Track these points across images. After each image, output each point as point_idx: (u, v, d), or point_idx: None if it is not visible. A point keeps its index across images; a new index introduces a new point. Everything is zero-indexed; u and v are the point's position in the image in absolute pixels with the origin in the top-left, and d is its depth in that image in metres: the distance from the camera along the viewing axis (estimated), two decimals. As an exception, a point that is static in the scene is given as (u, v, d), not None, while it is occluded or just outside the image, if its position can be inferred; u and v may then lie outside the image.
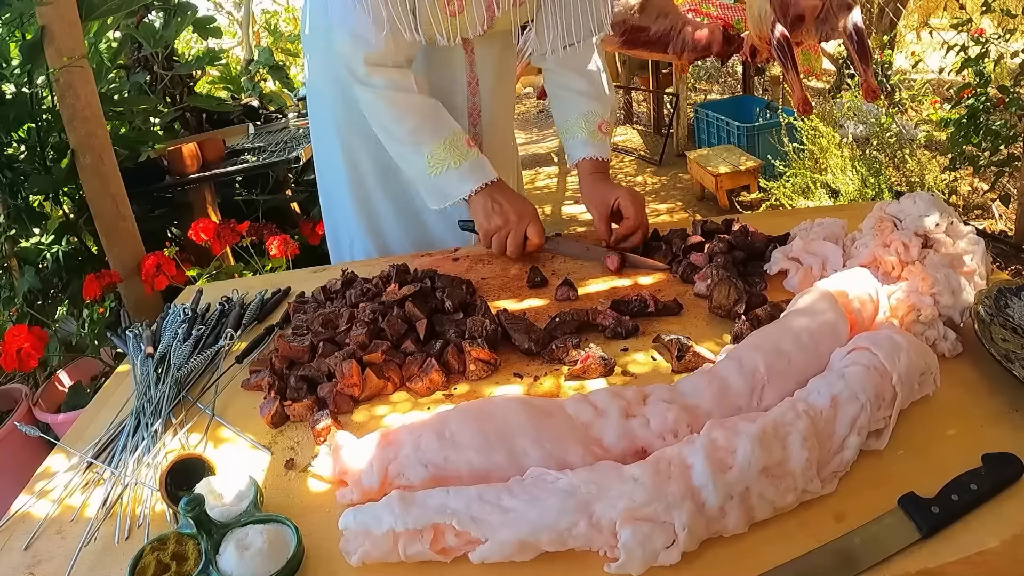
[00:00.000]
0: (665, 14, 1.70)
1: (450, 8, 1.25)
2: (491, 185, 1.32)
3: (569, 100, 1.44)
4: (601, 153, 1.41)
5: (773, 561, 0.65)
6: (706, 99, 6.72)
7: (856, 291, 0.91)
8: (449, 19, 1.26)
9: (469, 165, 1.31)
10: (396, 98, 1.30)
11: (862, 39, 1.39)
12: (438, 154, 1.30)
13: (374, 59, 1.28)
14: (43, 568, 0.77)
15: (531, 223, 1.31)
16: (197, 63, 3.75)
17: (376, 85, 1.29)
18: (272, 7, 7.28)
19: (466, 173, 1.31)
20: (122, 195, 2.37)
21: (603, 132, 1.41)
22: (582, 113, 1.42)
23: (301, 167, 3.10)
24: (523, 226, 1.31)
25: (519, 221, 1.30)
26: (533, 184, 5.28)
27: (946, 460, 0.73)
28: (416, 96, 1.31)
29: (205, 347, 1.16)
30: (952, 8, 5.08)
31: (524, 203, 1.33)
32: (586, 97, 1.42)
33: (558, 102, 1.47)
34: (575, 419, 0.79)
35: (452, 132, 1.31)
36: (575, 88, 1.43)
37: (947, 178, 3.59)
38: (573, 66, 1.42)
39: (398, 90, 1.30)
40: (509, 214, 1.31)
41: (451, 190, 1.32)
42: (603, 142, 1.41)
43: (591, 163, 1.41)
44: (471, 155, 1.31)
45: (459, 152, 1.30)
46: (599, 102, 1.42)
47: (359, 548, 0.69)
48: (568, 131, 1.44)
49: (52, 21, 2.15)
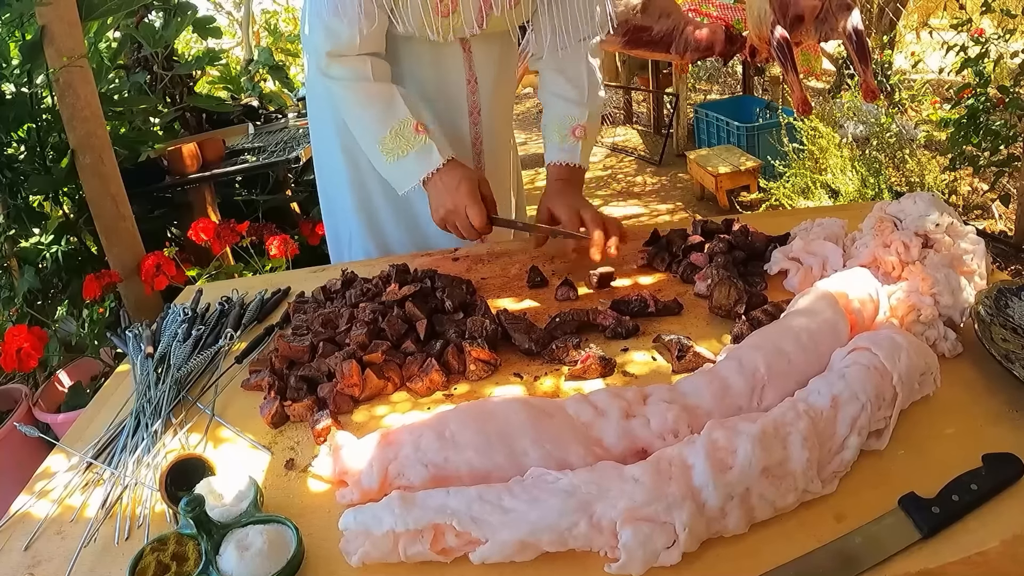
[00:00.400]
0: (667, 14, 1.70)
1: (442, 8, 1.25)
2: (440, 170, 1.30)
3: (552, 104, 1.44)
4: (569, 158, 1.40)
5: (773, 561, 0.65)
6: (706, 99, 6.72)
7: (856, 291, 0.91)
8: (440, 19, 1.26)
9: (415, 153, 1.29)
10: (354, 87, 1.30)
11: (862, 39, 1.39)
12: (388, 143, 1.30)
13: (339, 51, 1.28)
14: (43, 568, 0.77)
15: (469, 206, 1.26)
16: (197, 63, 3.75)
17: (336, 76, 1.30)
18: (272, 7, 7.29)
19: (413, 162, 1.30)
20: (122, 195, 2.37)
21: (576, 137, 1.39)
22: (559, 117, 1.41)
23: (301, 167, 3.10)
24: (463, 210, 1.28)
25: (459, 205, 1.28)
26: (533, 184, 5.27)
27: (946, 460, 0.73)
28: (372, 84, 1.30)
29: (205, 347, 1.16)
30: (952, 8, 5.07)
31: (461, 183, 1.28)
32: (566, 101, 1.41)
33: (545, 107, 1.47)
34: (575, 419, 0.79)
35: (399, 120, 1.30)
36: (558, 92, 1.42)
37: (947, 178, 3.59)
38: (560, 69, 1.42)
39: (356, 79, 1.30)
40: (447, 201, 1.29)
41: (404, 179, 1.32)
42: (573, 146, 1.39)
43: (557, 168, 1.40)
44: (418, 142, 1.29)
45: (406, 140, 1.29)
46: (578, 106, 1.40)
47: (359, 548, 0.69)
48: (545, 135, 1.45)
49: (52, 21, 2.15)
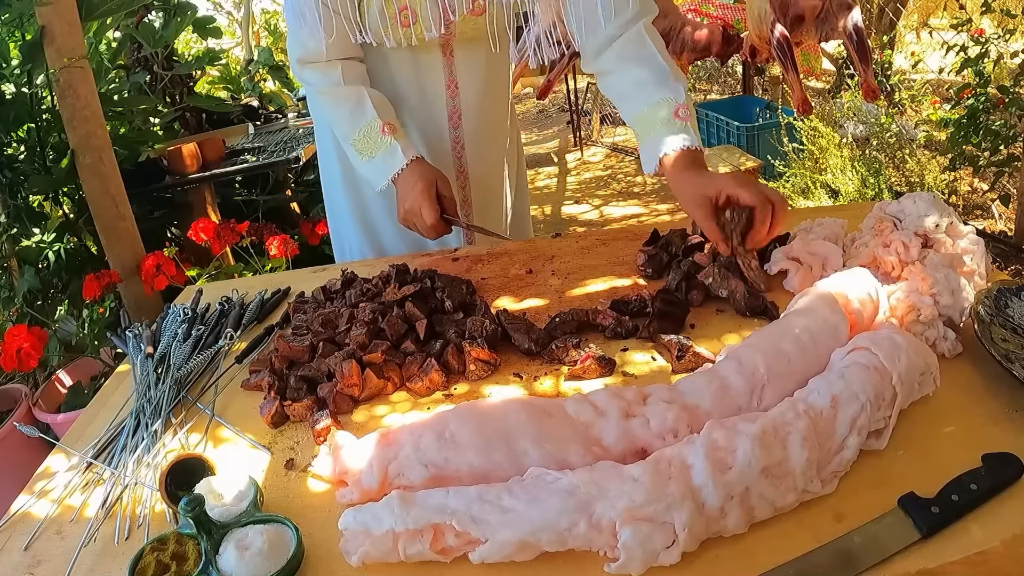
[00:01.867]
0: (665, 14, 1.70)
1: (402, 19, 1.26)
2: (404, 170, 1.31)
3: (633, 97, 1.24)
4: (687, 142, 1.16)
5: (773, 561, 0.65)
6: (706, 99, 6.72)
7: (856, 291, 0.91)
8: (402, 29, 1.27)
9: (382, 154, 1.31)
10: (327, 92, 1.34)
11: (862, 39, 1.39)
12: (358, 144, 1.33)
13: (307, 57, 1.31)
14: (43, 568, 0.77)
15: (423, 204, 1.28)
16: (197, 63, 3.75)
17: (308, 82, 1.34)
18: (272, 7, 7.28)
19: (380, 163, 1.32)
20: (122, 195, 2.37)
21: (682, 118, 1.18)
22: (653, 104, 1.20)
23: (301, 167, 3.10)
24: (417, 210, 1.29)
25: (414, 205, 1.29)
26: (533, 184, 5.28)
27: (946, 460, 0.73)
28: (342, 88, 1.33)
29: (205, 347, 1.16)
30: (952, 8, 5.08)
31: (416, 183, 1.29)
32: (653, 86, 1.21)
33: (624, 102, 1.27)
34: (575, 419, 0.79)
35: (367, 121, 1.32)
36: (636, 80, 1.23)
37: (947, 178, 3.59)
38: (626, 58, 1.25)
39: (328, 84, 1.33)
40: (405, 201, 1.31)
41: (375, 178, 1.34)
42: (685, 129, 1.17)
43: (679, 155, 1.16)
44: (384, 143, 1.31)
45: (373, 141, 1.31)
46: (669, 87, 1.20)
47: (359, 548, 0.69)
48: (642, 128, 1.22)
49: (52, 21, 2.15)
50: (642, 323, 1.03)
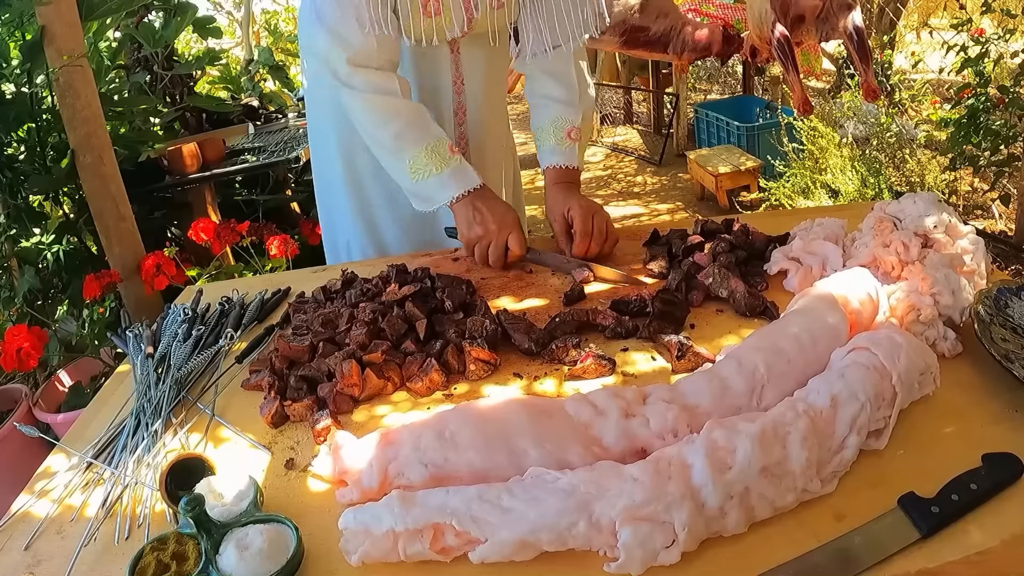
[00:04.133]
0: (665, 14, 1.70)
1: (426, 10, 1.25)
2: (473, 192, 1.30)
3: (542, 106, 1.43)
4: (566, 161, 1.40)
5: (773, 561, 0.65)
6: (706, 99, 6.72)
7: (856, 291, 0.91)
8: (425, 20, 1.26)
9: (451, 171, 1.29)
10: (379, 101, 1.29)
11: (862, 39, 1.39)
12: (420, 160, 1.29)
13: (356, 60, 1.27)
14: (43, 568, 0.77)
15: (512, 232, 1.27)
16: (197, 63, 3.75)
17: (358, 87, 1.28)
18: (272, 7, 7.29)
19: (447, 180, 1.29)
20: (122, 195, 2.37)
21: (572, 139, 1.40)
22: (552, 119, 1.41)
23: (301, 167, 3.10)
24: (504, 236, 1.28)
25: (500, 231, 1.28)
26: (532, 184, 5.27)
27: (946, 460, 0.73)
28: (399, 100, 1.30)
29: (205, 347, 1.16)
30: (952, 8, 5.08)
31: (507, 211, 1.30)
32: (558, 103, 1.41)
33: (534, 109, 1.46)
34: (575, 419, 0.79)
35: (435, 138, 1.30)
36: (549, 94, 1.42)
37: (947, 178, 3.59)
38: (549, 70, 1.41)
39: (381, 93, 1.29)
40: (490, 223, 1.28)
41: (434, 196, 1.32)
42: (570, 149, 1.39)
43: (555, 171, 1.40)
44: (453, 161, 1.30)
45: (441, 158, 1.29)
46: (571, 107, 1.40)
47: (359, 548, 0.69)
48: (538, 138, 1.44)
49: (52, 21, 2.15)
50: (642, 323, 1.03)
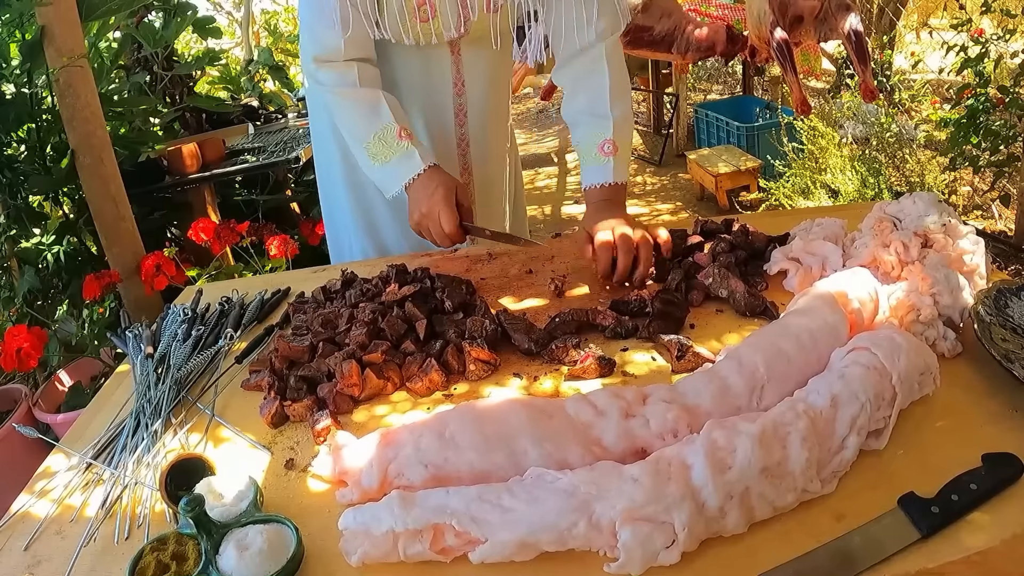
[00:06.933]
0: (669, 14, 1.70)
1: (420, 15, 1.25)
2: (420, 176, 1.29)
3: (576, 123, 1.36)
4: (601, 178, 1.29)
5: (773, 561, 0.65)
6: (706, 99, 6.72)
7: (856, 291, 0.91)
8: (421, 24, 1.26)
9: (397, 159, 1.29)
10: (342, 93, 1.31)
11: (860, 40, 1.39)
12: (372, 148, 1.30)
13: (323, 57, 1.29)
14: (43, 568, 0.77)
15: (441, 211, 1.24)
16: (197, 63, 3.75)
17: (324, 83, 1.31)
18: (272, 7, 7.29)
19: (395, 167, 1.30)
20: (122, 195, 2.37)
21: (605, 153, 1.29)
22: (585, 135, 1.33)
23: (301, 167, 3.10)
24: (435, 215, 1.26)
25: (430, 211, 1.26)
26: (533, 184, 5.28)
27: (946, 460, 0.73)
28: (358, 90, 1.31)
29: (205, 347, 1.16)
30: (952, 8, 5.08)
31: (436, 189, 1.26)
32: (589, 116, 1.32)
33: (571, 127, 1.38)
34: (575, 419, 0.79)
35: (383, 126, 1.30)
36: (579, 108, 1.35)
37: (947, 178, 3.59)
38: (576, 78, 1.35)
39: (343, 85, 1.30)
40: (423, 206, 1.28)
41: (388, 183, 1.32)
42: (605, 164, 1.29)
43: (589, 191, 1.31)
44: (400, 148, 1.29)
45: (388, 145, 1.29)
46: (599, 118, 1.31)
47: (359, 548, 0.69)
48: (580, 154, 1.35)
49: (52, 21, 2.15)
50: (642, 323, 1.03)
